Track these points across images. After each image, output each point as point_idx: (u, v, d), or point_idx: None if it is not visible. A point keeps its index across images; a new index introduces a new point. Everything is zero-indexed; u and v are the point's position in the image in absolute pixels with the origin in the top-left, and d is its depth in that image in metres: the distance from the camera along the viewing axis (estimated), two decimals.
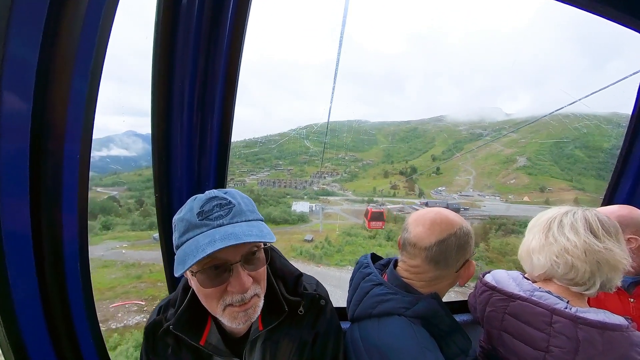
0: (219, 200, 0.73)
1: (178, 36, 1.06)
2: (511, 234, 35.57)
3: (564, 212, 0.95)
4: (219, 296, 0.72)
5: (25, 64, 0.76)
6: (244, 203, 0.77)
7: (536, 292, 0.91)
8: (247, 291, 0.72)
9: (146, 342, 0.86)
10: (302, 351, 0.86)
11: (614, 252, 0.85)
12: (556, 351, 0.81)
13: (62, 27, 0.79)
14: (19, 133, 0.79)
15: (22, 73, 0.76)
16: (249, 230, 0.70)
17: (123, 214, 33.25)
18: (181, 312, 0.81)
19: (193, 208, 0.73)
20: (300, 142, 72.57)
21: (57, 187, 0.90)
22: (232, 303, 0.72)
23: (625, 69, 2.18)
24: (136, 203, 36.09)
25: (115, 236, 28.04)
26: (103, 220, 28.93)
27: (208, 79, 1.15)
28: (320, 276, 9.79)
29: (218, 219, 0.71)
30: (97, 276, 19.56)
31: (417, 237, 0.95)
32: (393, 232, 34.56)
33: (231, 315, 0.73)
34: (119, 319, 16.01)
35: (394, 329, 0.88)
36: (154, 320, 0.86)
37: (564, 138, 74.06)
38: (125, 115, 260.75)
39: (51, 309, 0.96)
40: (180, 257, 0.69)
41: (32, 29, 0.75)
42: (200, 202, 0.73)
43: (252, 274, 0.74)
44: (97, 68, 0.87)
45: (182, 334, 0.79)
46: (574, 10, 1.39)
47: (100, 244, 24.37)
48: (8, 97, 0.76)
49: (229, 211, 0.72)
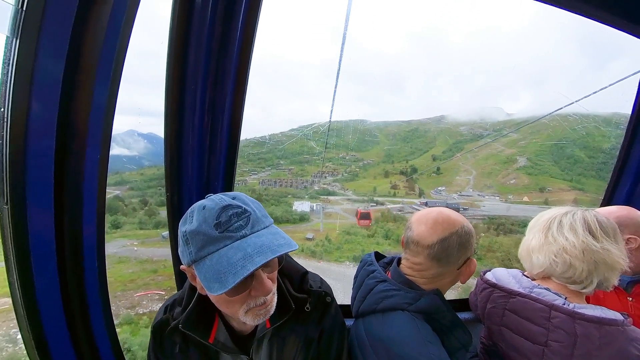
0: (234, 209, 0.70)
1: (191, 40, 1.10)
2: (509, 234, 35.67)
3: (563, 212, 0.97)
4: (242, 301, 0.72)
5: (52, 73, 0.81)
6: (257, 209, 0.76)
7: (535, 289, 0.94)
8: (270, 293, 0.74)
9: (154, 340, 0.87)
10: (309, 348, 0.88)
11: (611, 252, 0.87)
12: (555, 345, 0.83)
13: (86, 39, 0.83)
14: (46, 136, 0.83)
15: (50, 82, 0.81)
16: (276, 240, 0.70)
17: (128, 213, 33.58)
18: (190, 311, 0.81)
19: (207, 219, 0.68)
20: (302, 142, 72.50)
21: (78, 187, 0.94)
22: (256, 305, 0.73)
23: (625, 70, 2.20)
24: (141, 202, 36.27)
25: (124, 234, 28.87)
26: (112, 219, 29.37)
27: (219, 81, 1.19)
28: (321, 271, 10.02)
29: (239, 230, 0.68)
30: (116, 271, 21.11)
31: (420, 235, 0.97)
32: (391, 231, 35.08)
33: (254, 314, 0.74)
34: (145, 305, 18.07)
35: (398, 323, 0.91)
36: (160, 319, 0.86)
37: (563, 140, 73.88)
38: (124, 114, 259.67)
39: (70, 305, 1.00)
40: (212, 274, 0.66)
41: (59, 41, 0.80)
42: (214, 213, 0.68)
43: (270, 276, 0.76)
44: (116, 76, 0.91)
45: (192, 332, 0.80)
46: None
47: (111, 241, 25.32)
48: (36, 104, 0.80)
49: (248, 220, 0.70)
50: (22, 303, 0.90)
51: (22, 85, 0.77)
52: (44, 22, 0.75)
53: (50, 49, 0.78)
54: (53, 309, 0.97)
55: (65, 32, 0.79)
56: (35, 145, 0.82)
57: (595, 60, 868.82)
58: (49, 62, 0.79)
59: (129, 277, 20.41)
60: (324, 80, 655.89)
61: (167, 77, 1.11)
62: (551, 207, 1.05)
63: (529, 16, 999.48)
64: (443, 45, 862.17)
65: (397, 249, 28.32)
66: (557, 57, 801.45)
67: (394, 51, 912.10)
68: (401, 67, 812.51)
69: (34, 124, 0.81)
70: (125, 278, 20.21)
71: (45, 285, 0.93)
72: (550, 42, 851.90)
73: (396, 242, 31.12)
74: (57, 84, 0.81)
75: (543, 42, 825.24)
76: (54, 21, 0.77)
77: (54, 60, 0.80)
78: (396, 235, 33.00)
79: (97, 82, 0.88)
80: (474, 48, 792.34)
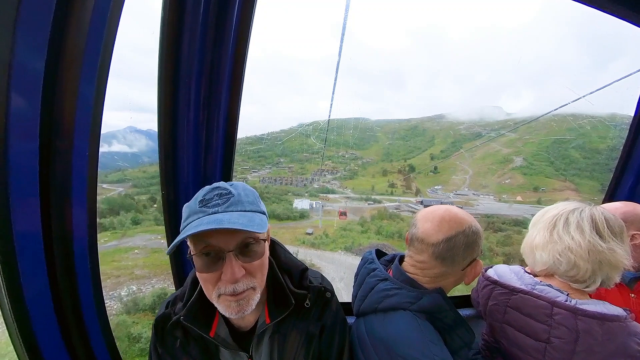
0: (221, 190, 0.77)
1: (184, 32, 1.06)
2: (498, 232, 36.96)
3: (570, 209, 0.95)
4: (213, 283, 0.74)
5: (32, 64, 0.76)
6: (244, 194, 0.78)
7: (537, 286, 0.93)
8: (238, 282, 0.73)
9: (155, 335, 0.88)
10: (310, 344, 0.87)
11: (616, 252, 0.86)
12: (557, 342, 0.83)
13: (69, 26, 0.79)
14: (28, 132, 0.79)
15: (30, 73, 0.77)
16: (237, 219, 0.71)
17: (139, 210, 34.22)
18: (191, 305, 0.82)
19: (197, 197, 0.77)
20: (302, 140, 72.43)
21: (66, 185, 0.90)
22: (225, 292, 0.73)
23: (626, 69, 2.19)
24: (149, 200, 36.78)
25: (145, 230, 30.46)
26: (132, 216, 30.80)
27: (214, 76, 1.16)
28: (317, 255, 14.92)
29: (214, 207, 0.74)
30: (156, 258, 23.07)
31: (425, 233, 0.95)
32: (382, 228, 38.16)
33: (225, 304, 0.75)
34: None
35: (399, 322, 0.90)
36: (163, 314, 0.87)
37: (559, 140, 74.45)
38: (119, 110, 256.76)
39: (62, 306, 0.97)
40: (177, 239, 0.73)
41: (39, 29, 0.75)
42: (204, 192, 0.77)
43: (247, 266, 0.75)
44: (104, 65, 0.87)
45: (193, 325, 0.81)
46: (578, 7, 1.39)
47: (135, 236, 27.28)
48: (16, 98, 0.76)
49: (227, 200, 0.75)
50: (10, 308, 0.87)
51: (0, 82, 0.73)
52: (21, 9, 0.71)
53: (29, 40, 0.74)
54: (43, 310, 0.94)
55: (46, 21, 0.74)
56: (16, 145, 0.79)
57: (598, 59, 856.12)
58: (28, 55, 0.75)
59: (167, 262, 22.11)
60: (324, 77, 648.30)
61: (160, 70, 1.08)
62: (543, 206, 1.04)
63: (533, 13, 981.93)
64: (445, 42, 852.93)
65: (384, 241, 32.53)
66: (559, 55, 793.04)
67: (395, 48, 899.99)
68: (402, 64, 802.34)
69: (14, 122, 0.77)
70: (166, 263, 21.42)
71: (34, 286, 0.90)
72: (553, 40, 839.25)
73: (385, 237, 35.26)
74: (38, 78, 0.77)
75: (546, 40, 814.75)
76: (33, 9, 0.72)
77: (34, 54, 0.75)
78: (386, 232, 36.67)
79: (83, 76, 0.84)
80: (476, 46, 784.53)
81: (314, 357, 0.88)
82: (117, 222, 29.12)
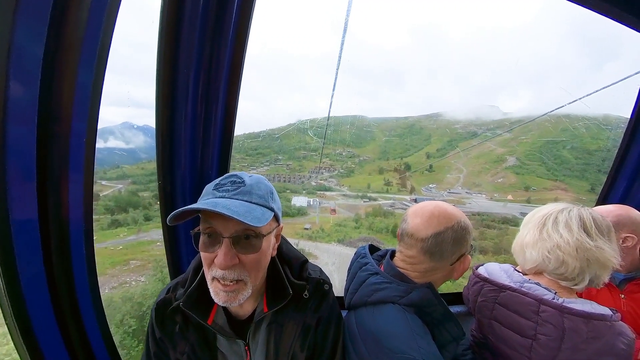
0: (236, 178, 0.81)
1: (183, 26, 1.05)
2: (488, 229, 37.85)
3: (559, 209, 0.97)
4: (208, 263, 0.77)
5: (31, 51, 0.76)
6: (257, 187, 0.80)
7: (526, 284, 0.95)
8: (227, 269, 0.74)
9: (155, 318, 0.88)
10: (306, 335, 0.89)
11: (604, 250, 0.88)
12: (543, 339, 0.85)
13: (69, 8, 0.78)
14: (26, 118, 0.78)
15: (29, 60, 0.76)
16: (236, 207, 0.71)
17: (146, 206, 34.33)
18: (191, 291, 0.83)
19: (216, 180, 0.82)
20: (300, 137, 72.14)
21: (63, 172, 0.90)
22: (216, 276, 0.75)
23: (623, 71, 2.22)
24: (154, 197, 36.93)
25: (157, 225, 30.63)
26: (143, 213, 31.18)
27: (212, 69, 1.15)
28: (313, 246, 17.56)
29: (223, 192, 0.77)
30: None
31: (414, 228, 0.97)
32: (374, 225, 40.10)
33: (214, 289, 0.77)
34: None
35: (388, 315, 0.91)
36: (163, 298, 0.88)
37: (552, 140, 75.55)
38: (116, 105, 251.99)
39: (58, 294, 0.97)
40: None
41: (38, 17, 0.74)
42: (222, 177, 0.82)
43: (241, 257, 0.75)
44: (103, 52, 0.86)
45: (191, 311, 0.82)
46: (577, 9, 1.39)
47: (150, 231, 27.83)
48: (15, 85, 0.75)
49: (237, 188, 0.77)
50: (8, 301, 0.87)
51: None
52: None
53: (29, 26, 0.73)
54: (39, 297, 0.94)
55: (45, 7, 0.73)
56: (14, 129, 0.78)
57: (593, 60, 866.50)
58: (27, 41, 0.74)
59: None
60: (324, 75, 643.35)
61: (158, 63, 1.07)
62: (534, 206, 1.06)
63: (532, 13, 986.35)
64: (443, 41, 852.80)
65: (373, 235, 34.59)
66: (558, 55, 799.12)
67: (394, 46, 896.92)
68: (401, 62, 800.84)
69: (12, 107, 0.76)
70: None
71: (31, 274, 0.90)
72: (552, 41, 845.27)
73: (376, 232, 37.18)
74: (37, 64, 0.76)
75: (545, 41, 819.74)
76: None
77: (34, 40, 0.74)
78: (377, 227, 38.64)
79: (82, 62, 0.83)
80: (475, 45, 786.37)
81: (309, 348, 0.90)
82: (130, 219, 29.20)
